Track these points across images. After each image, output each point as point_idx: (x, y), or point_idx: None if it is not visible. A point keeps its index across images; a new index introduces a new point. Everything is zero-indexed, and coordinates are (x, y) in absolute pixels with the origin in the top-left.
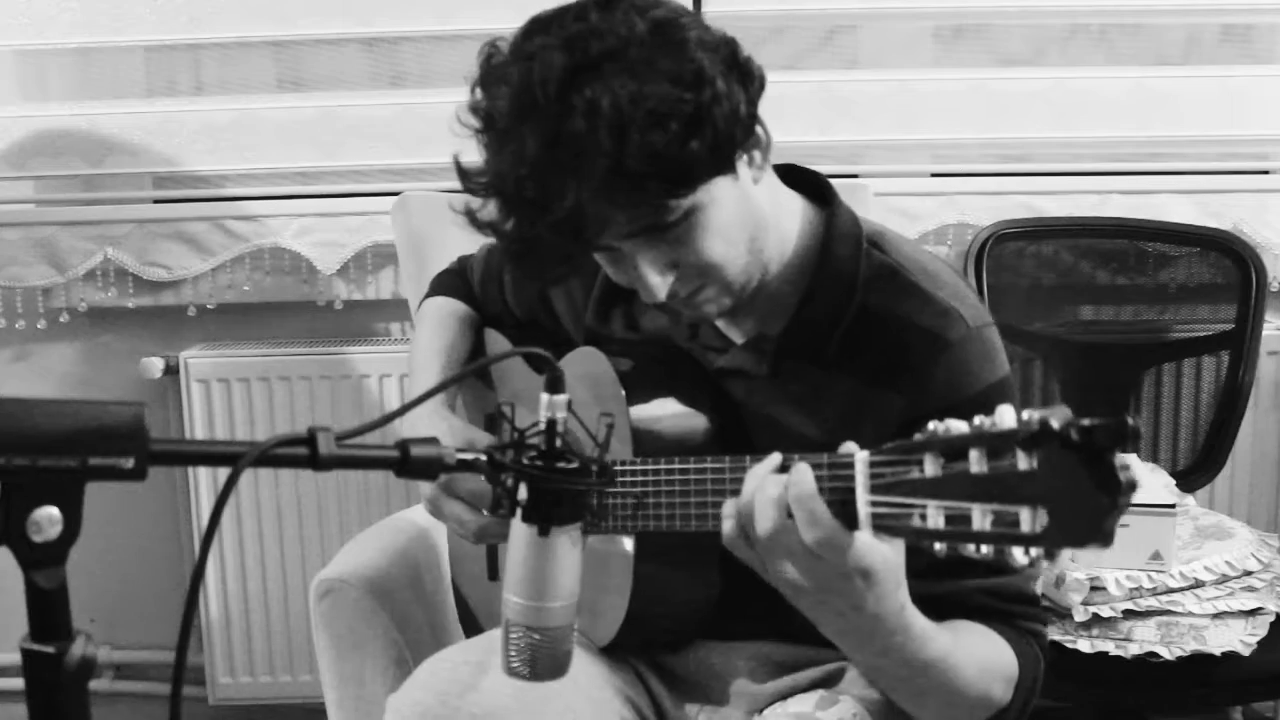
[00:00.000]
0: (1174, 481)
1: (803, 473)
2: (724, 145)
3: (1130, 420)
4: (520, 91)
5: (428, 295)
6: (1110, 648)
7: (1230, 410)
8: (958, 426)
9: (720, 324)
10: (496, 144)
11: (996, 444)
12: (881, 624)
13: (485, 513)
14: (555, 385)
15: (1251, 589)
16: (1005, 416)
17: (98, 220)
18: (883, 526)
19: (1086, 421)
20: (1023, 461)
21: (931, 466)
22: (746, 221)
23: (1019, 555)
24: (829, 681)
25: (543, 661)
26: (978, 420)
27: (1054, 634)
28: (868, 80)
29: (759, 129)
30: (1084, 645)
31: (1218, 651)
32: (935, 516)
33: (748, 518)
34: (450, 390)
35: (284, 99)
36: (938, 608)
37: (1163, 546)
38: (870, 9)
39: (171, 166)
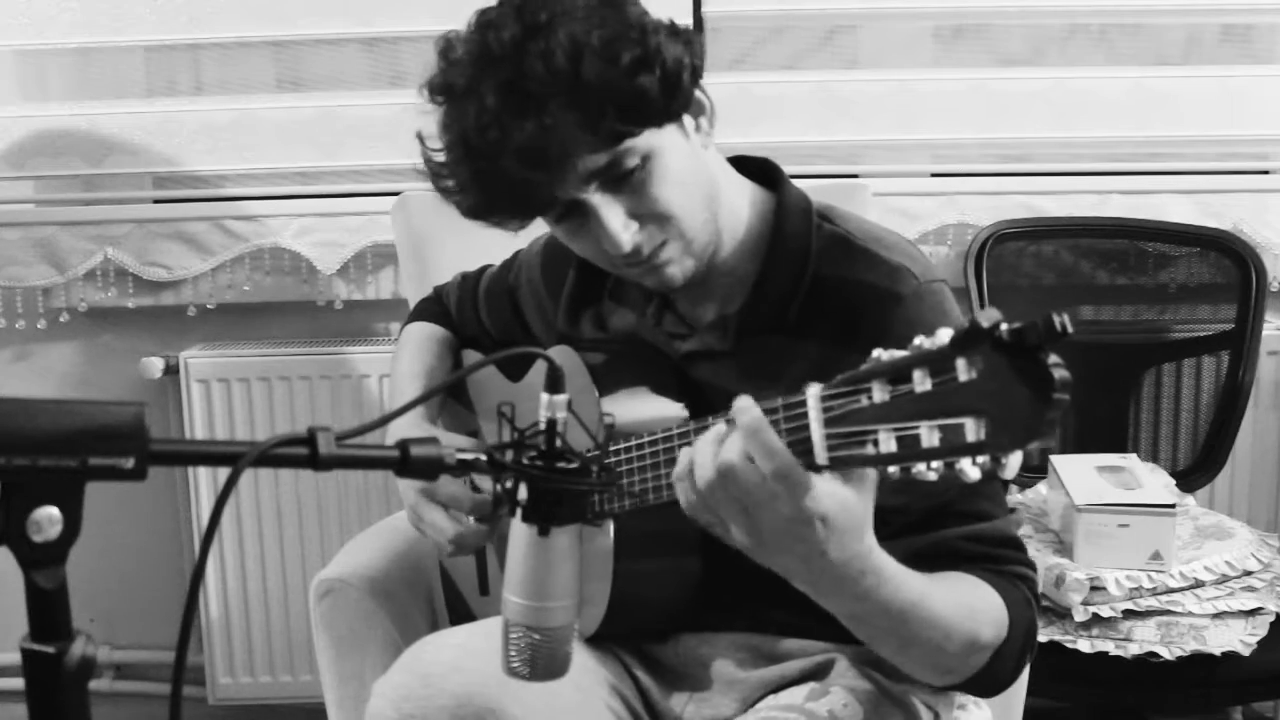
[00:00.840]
0: (1174, 481)
1: (746, 406)
2: (673, 87)
3: (1057, 316)
4: (477, 55)
5: (406, 323)
6: (1110, 648)
7: (1230, 410)
8: (901, 351)
9: (683, 310)
10: (457, 106)
11: (937, 360)
12: (849, 568)
13: (467, 519)
14: (555, 385)
15: (1251, 589)
16: (943, 334)
17: (98, 220)
18: (839, 458)
19: (1018, 323)
20: (963, 373)
21: (880, 393)
22: (701, 179)
23: (969, 467)
24: (818, 673)
25: (542, 661)
26: (917, 340)
27: (1054, 634)
28: (868, 80)
29: (702, 95)
30: (1084, 645)
31: (1218, 651)
32: (887, 440)
33: (699, 478)
34: (431, 409)
35: (284, 99)
36: (923, 560)
37: (1163, 546)
38: (870, 9)
39: (171, 166)
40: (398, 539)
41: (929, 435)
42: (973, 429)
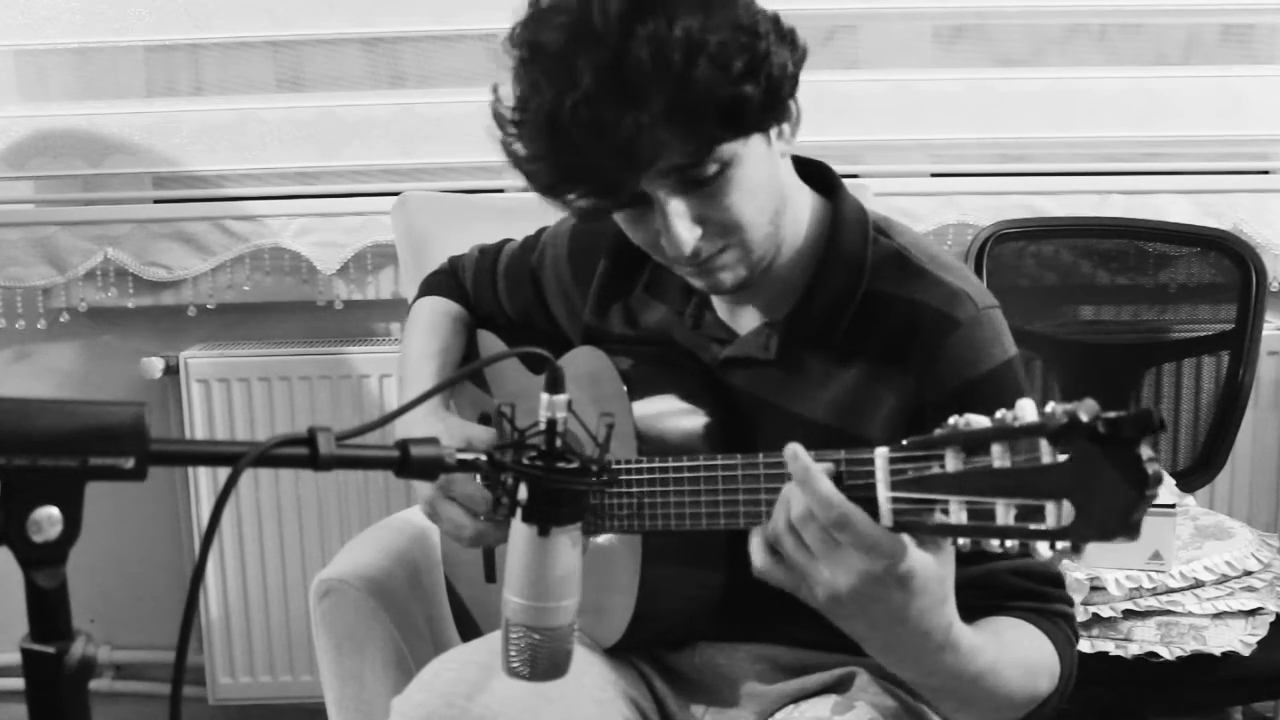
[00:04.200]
0: (1174, 481)
1: (794, 453)
2: (773, 97)
3: (1155, 412)
4: (579, 20)
5: (418, 296)
6: (1110, 648)
7: (1230, 410)
8: (979, 421)
9: (723, 314)
10: (547, 74)
11: (1020, 438)
12: (930, 641)
13: (481, 517)
14: (555, 385)
15: (1251, 589)
16: (1026, 410)
17: (98, 220)
18: (904, 524)
19: (1112, 414)
20: (1046, 455)
21: (953, 461)
22: (773, 190)
23: (1043, 550)
24: (839, 686)
25: (542, 661)
26: (1000, 414)
27: None
28: (868, 80)
29: (793, 102)
30: (1084, 645)
31: (1218, 651)
32: (958, 511)
33: (771, 530)
34: (445, 392)
35: (284, 99)
36: (971, 593)
37: (1163, 546)
38: (870, 9)
39: (171, 166)
40: (398, 539)
41: (1004, 512)
42: (1054, 513)
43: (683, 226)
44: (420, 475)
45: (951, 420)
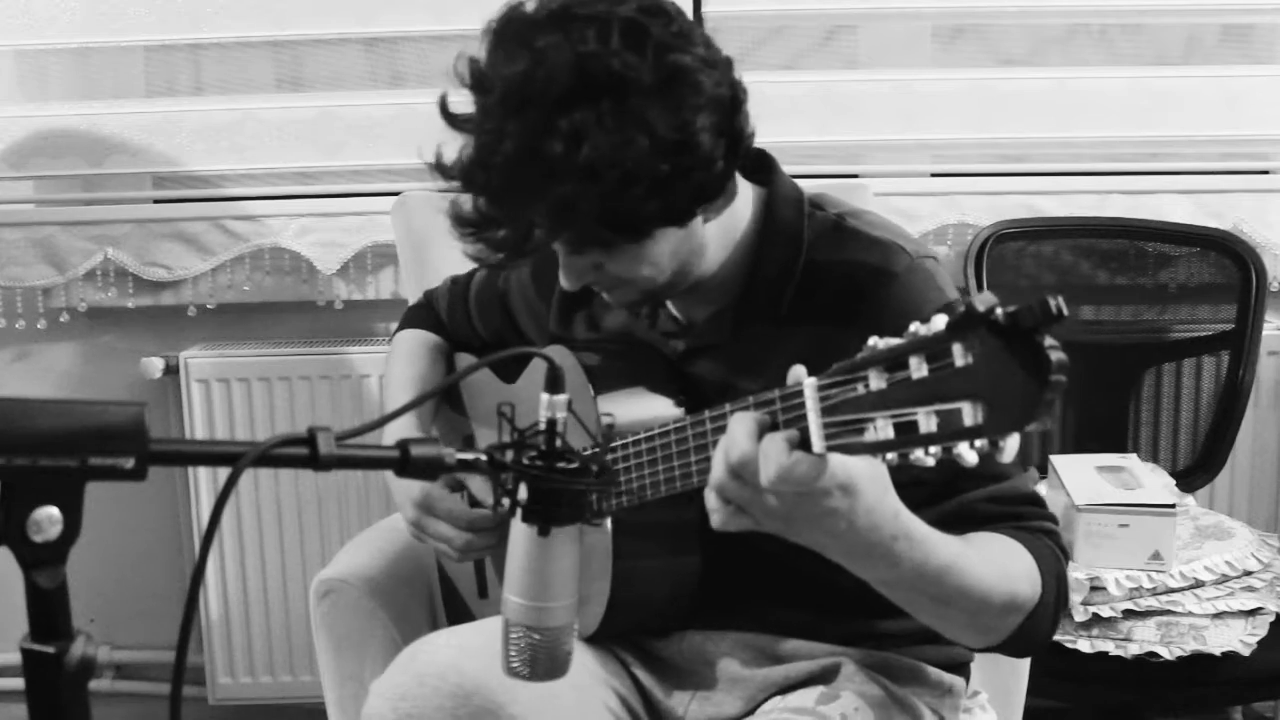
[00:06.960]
0: (1174, 481)
1: (738, 441)
2: (681, 207)
3: (1052, 300)
4: (519, 84)
5: (397, 330)
6: (1110, 648)
7: (1230, 410)
8: (897, 339)
9: (676, 310)
10: (482, 121)
11: (933, 346)
12: (880, 533)
13: (465, 529)
14: (555, 384)
15: (1251, 589)
16: (938, 321)
17: (98, 220)
18: (837, 446)
19: (1013, 306)
20: (959, 358)
21: (876, 380)
22: (680, 253)
23: (966, 451)
24: (825, 676)
25: (542, 661)
26: (913, 327)
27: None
28: (868, 80)
29: (730, 184)
30: (1084, 645)
31: (1218, 651)
32: (884, 427)
33: (713, 480)
34: (425, 418)
35: (284, 99)
36: (946, 526)
37: (1163, 546)
38: (870, 9)
39: (171, 166)
40: (398, 539)
41: (926, 421)
42: (970, 413)
43: (568, 276)
44: (420, 475)
45: (871, 341)
